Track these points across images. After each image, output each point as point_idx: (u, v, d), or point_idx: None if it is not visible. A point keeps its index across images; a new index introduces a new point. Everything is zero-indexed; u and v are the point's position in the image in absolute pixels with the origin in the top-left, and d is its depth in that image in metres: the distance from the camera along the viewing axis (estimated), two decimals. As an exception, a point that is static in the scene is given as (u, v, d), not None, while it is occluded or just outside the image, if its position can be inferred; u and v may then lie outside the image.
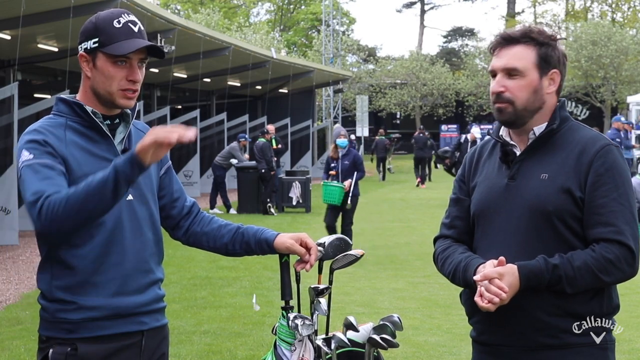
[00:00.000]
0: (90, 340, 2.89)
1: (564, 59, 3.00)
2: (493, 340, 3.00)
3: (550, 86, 2.96)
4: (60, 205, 2.71)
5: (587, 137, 2.93)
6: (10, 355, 7.48)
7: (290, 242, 3.13)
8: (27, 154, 2.86)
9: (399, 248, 14.65)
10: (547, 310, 2.87)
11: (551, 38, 2.98)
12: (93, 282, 2.91)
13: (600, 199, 2.83)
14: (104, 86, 2.96)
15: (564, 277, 2.79)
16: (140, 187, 3.04)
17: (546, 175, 2.90)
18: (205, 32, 23.26)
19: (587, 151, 2.88)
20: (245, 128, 29.31)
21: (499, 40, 2.99)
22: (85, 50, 2.98)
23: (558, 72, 2.97)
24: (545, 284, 2.81)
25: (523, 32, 2.96)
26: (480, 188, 3.06)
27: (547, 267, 2.80)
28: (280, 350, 3.14)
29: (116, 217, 2.94)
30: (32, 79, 27.40)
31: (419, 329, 8.20)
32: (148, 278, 3.05)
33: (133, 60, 2.95)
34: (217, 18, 51.75)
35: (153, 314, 3.06)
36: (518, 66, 2.93)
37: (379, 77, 55.20)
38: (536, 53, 2.94)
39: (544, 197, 2.88)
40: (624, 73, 47.43)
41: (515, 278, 2.79)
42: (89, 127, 2.97)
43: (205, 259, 12.59)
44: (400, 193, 28.07)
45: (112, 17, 2.97)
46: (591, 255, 2.81)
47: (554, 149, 2.94)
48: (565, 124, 2.98)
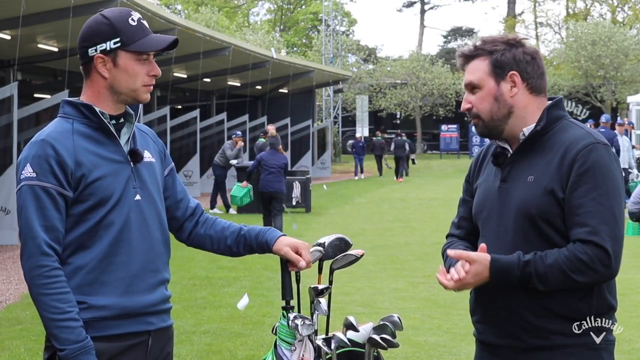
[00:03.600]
0: (98, 340, 2.91)
1: (527, 57, 2.95)
2: (490, 339, 3.02)
3: (513, 89, 2.95)
4: (38, 285, 2.86)
5: (573, 136, 2.90)
6: (10, 355, 7.48)
7: (286, 249, 3.16)
8: (31, 170, 2.90)
9: (399, 248, 14.65)
10: (534, 311, 2.87)
11: (506, 42, 2.96)
12: (102, 282, 2.94)
13: (578, 200, 2.81)
14: (127, 84, 2.99)
15: (534, 273, 2.79)
16: (148, 188, 3.06)
17: (532, 178, 2.90)
18: (205, 32, 23.28)
19: (569, 151, 2.86)
20: (245, 128, 29.30)
21: (459, 59, 3.04)
22: (103, 51, 2.98)
23: (516, 73, 2.93)
24: (517, 279, 2.81)
25: (475, 46, 2.99)
26: (478, 190, 3.08)
27: (519, 262, 2.80)
28: (280, 350, 3.14)
29: (125, 218, 2.97)
30: (32, 79, 27.42)
31: (419, 329, 8.20)
32: (156, 278, 3.06)
33: (151, 56, 3.02)
34: (217, 18, 51.73)
35: (160, 314, 3.09)
36: (473, 80, 2.97)
37: (379, 77, 55.19)
38: (488, 62, 2.95)
39: (528, 199, 2.88)
40: (624, 73, 47.46)
41: (484, 267, 2.81)
42: (96, 129, 2.99)
43: (205, 259, 12.58)
44: (400, 193, 28.08)
45: (125, 16, 3.00)
46: (564, 254, 2.80)
47: (542, 150, 2.93)
48: (557, 124, 2.95)
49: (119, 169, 2.98)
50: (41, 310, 2.87)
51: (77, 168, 2.91)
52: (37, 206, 2.88)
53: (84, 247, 2.93)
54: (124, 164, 3.00)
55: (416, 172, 41.22)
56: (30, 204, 2.89)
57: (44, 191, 2.88)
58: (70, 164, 2.90)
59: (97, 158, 2.95)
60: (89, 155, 2.94)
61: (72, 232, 2.92)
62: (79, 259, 2.93)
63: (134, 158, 3.03)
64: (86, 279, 2.92)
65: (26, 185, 2.89)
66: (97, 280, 2.93)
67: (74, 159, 2.91)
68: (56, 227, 2.89)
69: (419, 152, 55.31)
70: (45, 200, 2.88)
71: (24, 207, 2.89)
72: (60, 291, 2.85)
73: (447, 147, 50.59)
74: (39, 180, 2.88)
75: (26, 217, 2.89)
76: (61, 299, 2.85)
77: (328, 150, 39.09)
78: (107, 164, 2.96)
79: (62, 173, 2.89)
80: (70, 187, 2.91)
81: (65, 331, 2.84)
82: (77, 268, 2.92)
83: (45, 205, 2.88)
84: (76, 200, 2.92)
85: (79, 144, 2.94)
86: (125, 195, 2.98)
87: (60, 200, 2.90)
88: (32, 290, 2.88)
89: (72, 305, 2.86)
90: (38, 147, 2.91)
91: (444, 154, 50.31)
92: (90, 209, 2.93)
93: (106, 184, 2.94)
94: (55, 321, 2.84)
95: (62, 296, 2.85)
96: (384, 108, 54.39)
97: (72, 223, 2.92)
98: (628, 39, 47.37)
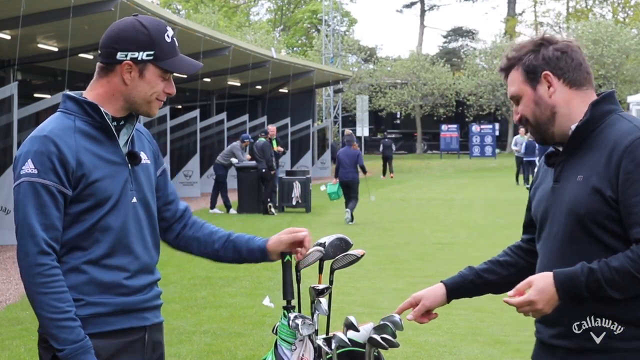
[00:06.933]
0: (96, 336, 2.91)
1: (557, 52, 2.92)
2: (546, 339, 2.95)
3: (550, 89, 2.91)
4: (37, 284, 2.83)
5: (620, 131, 2.81)
6: (10, 355, 7.48)
7: (284, 236, 3.16)
8: (32, 166, 2.86)
9: (399, 248, 14.65)
10: (589, 313, 2.79)
11: (535, 45, 2.94)
12: (99, 283, 2.93)
13: (632, 198, 2.71)
14: (144, 96, 2.98)
15: (602, 279, 2.68)
16: (144, 190, 3.06)
17: (581, 177, 2.82)
18: (205, 32, 23.29)
19: (617, 147, 2.77)
20: (245, 128, 29.31)
21: (500, 73, 3.05)
22: (133, 59, 2.95)
23: (549, 73, 2.90)
24: (584, 288, 2.71)
25: (507, 58, 2.99)
26: (536, 193, 3.04)
27: (583, 269, 2.70)
28: (280, 349, 3.14)
29: (122, 221, 2.96)
30: (32, 79, 27.45)
31: (419, 329, 8.19)
32: (150, 278, 3.08)
33: (171, 74, 3.03)
34: (217, 18, 51.75)
35: (153, 310, 3.10)
36: (513, 92, 2.97)
37: (379, 77, 55.21)
38: (521, 70, 2.94)
39: (577, 199, 2.81)
40: (625, 72, 47.45)
41: (547, 283, 2.72)
42: (97, 128, 2.97)
43: (205, 259, 12.56)
44: (400, 193, 28.08)
45: (162, 30, 3.00)
46: (629, 257, 2.69)
47: (591, 148, 2.85)
48: (606, 119, 2.88)
49: (117, 171, 2.97)
50: (39, 309, 2.85)
51: (78, 167, 2.89)
52: (37, 204, 2.85)
53: (80, 247, 2.92)
54: (122, 165, 2.99)
55: (416, 172, 41.26)
56: (30, 201, 2.85)
57: (44, 189, 2.85)
58: (72, 162, 2.88)
59: (97, 160, 2.94)
60: (90, 156, 2.92)
61: (68, 231, 2.90)
62: (75, 259, 2.91)
63: (133, 160, 3.02)
64: (83, 280, 2.92)
65: (27, 181, 2.86)
66: (94, 281, 2.92)
67: (76, 158, 2.89)
68: (55, 226, 2.87)
69: (419, 152, 55.37)
70: (46, 198, 2.85)
71: (24, 204, 2.86)
72: (59, 290, 2.84)
73: (447, 147, 50.60)
74: (40, 177, 2.85)
75: (25, 214, 2.86)
76: (60, 298, 2.84)
77: (328, 150, 39.10)
78: (106, 166, 2.95)
79: (64, 171, 2.87)
80: (70, 186, 2.89)
81: (64, 331, 2.83)
82: (73, 268, 2.91)
83: (46, 203, 2.85)
84: (74, 199, 2.90)
85: (80, 143, 2.92)
86: (123, 198, 2.97)
87: (60, 199, 2.87)
88: (29, 288, 2.86)
89: (71, 304, 2.85)
90: (40, 143, 2.88)
91: (444, 153, 50.31)
92: (88, 210, 2.91)
93: (105, 185, 2.93)
94: (54, 321, 2.83)
95: (61, 295, 2.84)
96: (384, 108, 54.41)
97: (68, 222, 2.90)
98: (629, 39, 47.39)
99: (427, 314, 3.16)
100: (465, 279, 3.17)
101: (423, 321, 3.16)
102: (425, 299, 3.14)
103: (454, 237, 16.11)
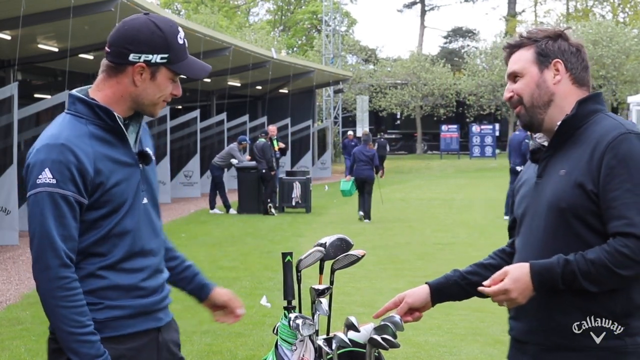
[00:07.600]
0: (112, 340, 2.89)
1: (573, 48, 2.96)
2: (519, 336, 2.99)
3: (556, 76, 2.94)
4: (58, 297, 2.79)
5: (604, 128, 2.84)
6: (11, 355, 7.48)
7: (228, 297, 3.29)
8: (50, 175, 2.80)
9: (399, 248, 14.65)
10: (561, 309, 2.81)
11: (552, 33, 2.98)
12: (117, 287, 2.92)
13: (612, 192, 2.74)
14: (152, 98, 2.95)
15: (578, 271, 2.70)
16: (152, 189, 3.05)
17: (564, 171, 2.85)
18: (205, 32, 23.28)
19: (600, 142, 2.80)
20: (245, 128, 29.29)
21: (505, 51, 3.05)
22: (147, 61, 2.90)
23: (561, 62, 2.94)
24: (560, 280, 2.73)
25: (521, 36, 3.01)
26: (520, 190, 3.06)
27: (559, 261, 2.73)
28: (281, 350, 3.14)
29: (136, 223, 2.95)
30: (32, 79, 27.45)
31: (419, 329, 8.19)
32: (162, 278, 3.09)
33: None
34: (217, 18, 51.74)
35: (165, 310, 3.10)
36: (516, 69, 2.97)
37: (379, 77, 55.20)
38: (533, 50, 2.96)
39: (559, 193, 2.83)
40: (625, 73, 47.45)
41: (522, 272, 2.74)
42: (108, 130, 2.92)
43: (205, 259, 12.57)
44: (400, 193, 28.08)
45: (175, 32, 2.94)
46: (605, 249, 2.71)
47: (576, 144, 2.88)
48: (592, 118, 2.90)
49: (131, 173, 2.95)
50: (60, 323, 2.80)
51: (96, 175, 2.85)
52: (56, 214, 2.80)
53: (97, 254, 2.89)
54: (134, 167, 2.97)
55: (416, 172, 41.24)
56: (49, 211, 2.80)
57: (63, 199, 2.80)
58: (90, 171, 2.84)
59: (113, 164, 2.90)
60: (106, 161, 2.88)
61: (83, 238, 2.86)
62: (92, 264, 2.89)
63: (144, 160, 3.00)
64: (100, 284, 2.90)
65: (45, 191, 2.80)
66: (112, 284, 2.91)
67: (94, 166, 2.85)
68: (73, 237, 2.83)
69: (419, 152, 55.37)
70: (65, 209, 2.81)
71: (42, 215, 2.80)
72: (80, 304, 2.81)
73: (447, 147, 50.61)
74: (59, 187, 2.80)
75: (44, 225, 2.80)
76: (82, 312, 2.81)
77: (328, 151, 39.09)
78: (121, 169, 2.92)
79: (82, 180, 2.82)
80: (87, 194, 2.84)
81: (85, 345, 2.80)
82: (90, 273, 2.88)
83: (65, 214, 2.81)
84: (90, 206, 2.86)
85: (97, 150, 2.87)
86: (136, 200, 2.96)
87: (77, 208, 2.83)
88: (49, 302, 2.80)
89: (90, 318, 2.83)
90: (58, 152, 2.81)
91: (444, 154, 50.32)
92: (105, 216, 2.89)
93: (121, 190, 2.91)
94: (75, 335, 2.79)
95: (82, 309, 2.81)
96: (384, 108, 54.39)
97: (83, 229, 2.86)
98: (629, 39, 47.38)
99: (410, 313, 3.17)
100: (449, 280, 3.20)
101: (407, 320, 3.17)
102: (408, 297, 3.18)
103: (454, 237, 16.12)
